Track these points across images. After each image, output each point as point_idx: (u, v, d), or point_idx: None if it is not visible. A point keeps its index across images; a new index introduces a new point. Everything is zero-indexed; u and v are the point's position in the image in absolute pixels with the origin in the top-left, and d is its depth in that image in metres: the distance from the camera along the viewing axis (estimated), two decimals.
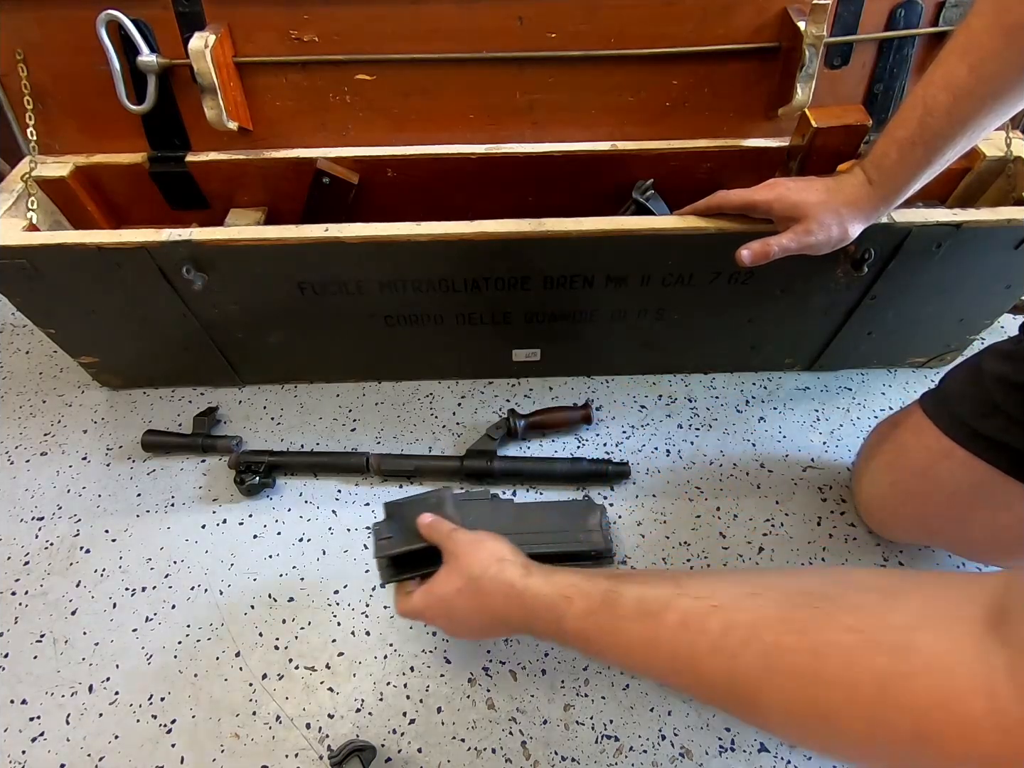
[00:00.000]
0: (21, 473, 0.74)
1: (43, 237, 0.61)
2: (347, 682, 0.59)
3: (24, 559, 0.67)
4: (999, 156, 0.70)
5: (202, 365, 0.77)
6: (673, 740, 0.56)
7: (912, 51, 0.68)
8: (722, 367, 0.83)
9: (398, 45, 0.66)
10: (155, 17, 0.64)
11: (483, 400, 0.81)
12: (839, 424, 0.78)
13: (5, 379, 0.84)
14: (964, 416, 0.54)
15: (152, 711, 0.57)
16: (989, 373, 0.52)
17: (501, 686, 0.59)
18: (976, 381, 0.53)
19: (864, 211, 0.54)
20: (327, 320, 0.70)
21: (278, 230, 0.60)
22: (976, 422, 0.53)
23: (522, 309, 0.70)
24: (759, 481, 0.73)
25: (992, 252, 0.63)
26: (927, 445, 0.57)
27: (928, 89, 0.48)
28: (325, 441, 0.77)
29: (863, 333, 0.75)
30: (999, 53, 0.44)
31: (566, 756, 0.55)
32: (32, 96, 0.67)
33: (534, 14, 0.65)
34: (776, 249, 0.54)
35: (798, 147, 0.69)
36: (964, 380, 0.56)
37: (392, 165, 0.73)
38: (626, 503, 0.71)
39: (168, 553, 0.67)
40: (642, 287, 0.66)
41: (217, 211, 0.77)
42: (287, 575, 0.66)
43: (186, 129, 0.71)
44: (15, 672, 0.60)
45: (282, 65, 0.68)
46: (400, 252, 0.61)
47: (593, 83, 0.69)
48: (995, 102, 0.46)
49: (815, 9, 0.60)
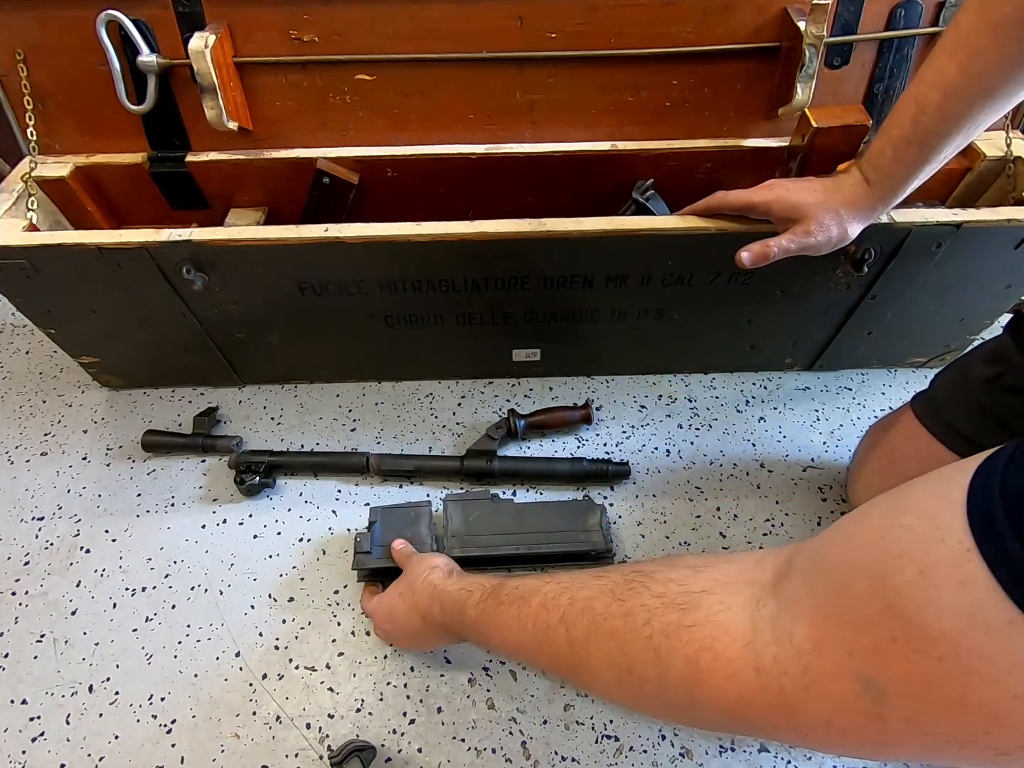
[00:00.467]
0: (21, 473, 0.74)
1: (43, 237, 0.61)
2: (347, 682, 0.59)
3: (24, 559, 0.67)
4: (999, 156, 0.70)
5: (202, 365, 0.77)
6: (673, 740, 0.56)
7: (912, 51, 0.68)
8: (722, 367, 0.83)
9: (398, 45, 0.66)
10: (155, 17, 0.64)
11: (483, 400, 0.81)
12: (839, 424, 0.78)
13: (5, 379, 0.84)
14: (952, 419, 0.54)
15: (152, 711, 0.57)
16: (975, 376, 0.52)
17: (501, 686, 0.59)
18: (963, 384, 0.54)
19: (863, 211, 0.54)
20: (327, 320, 0.70)
21: (278, 230, 0.60)
22: (964, 426, 0.53)
23: (522, 309, 0.70)
24: (759, 481, 0.73)
25: (992, 252, 0.63)
26: (918, 450, 0.57)
27: (920, 87, 0.48)
28: (325, 441, 0.77)
29: (863, 333, 0.75)
30: (987, 50, 0.44)
31: (566, 756, 0.55)
32: (32, 96, 0.67)
33: (534, 14, 0.65)
34: (776, 250, 0.54)
35: (798, 147, 0.69)
36: (952, 383, 0.56)
37: (392, 165, 0.73)
38: (626, 503, 0.71)
39: (168, 553, 0.67)
40: (642, 287, 0.66)
41: (217, 211, 0.77)
42: (287, 575, 0.66)
43: (186, 129, 0.71)
44: (15, 672, 0.60)
45: (282, 65, 0.68)
46: (400, 252, 0.61)
47: (593, 83, 0.69)
48: (986, 98, 0.46)
49: (815, 9, 0.60)
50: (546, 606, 0.40)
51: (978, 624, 0.23)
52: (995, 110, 0.47)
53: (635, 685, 0.35)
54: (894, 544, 0.26)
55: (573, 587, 0.40)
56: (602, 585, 0.39)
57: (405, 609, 0.52)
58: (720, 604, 0.32)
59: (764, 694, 0.29)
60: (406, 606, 0.52)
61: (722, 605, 0.32)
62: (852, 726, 0.27)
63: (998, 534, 0.23)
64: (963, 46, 0.45)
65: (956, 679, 0.23)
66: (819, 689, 0.28)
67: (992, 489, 0.24)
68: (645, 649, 0.34)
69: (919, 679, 0.24)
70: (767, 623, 0.30)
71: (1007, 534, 0.22)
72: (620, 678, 0.36)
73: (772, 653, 0.29)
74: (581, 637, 0.37)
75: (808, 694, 0.28)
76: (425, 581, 0.52)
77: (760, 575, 0.33)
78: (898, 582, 0.25)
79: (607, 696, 0.39)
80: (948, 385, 0.56)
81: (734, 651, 0.30)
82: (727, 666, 0.30)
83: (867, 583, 0.27)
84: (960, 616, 0.23)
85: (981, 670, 0.23)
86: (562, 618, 0.39)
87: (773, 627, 0.30)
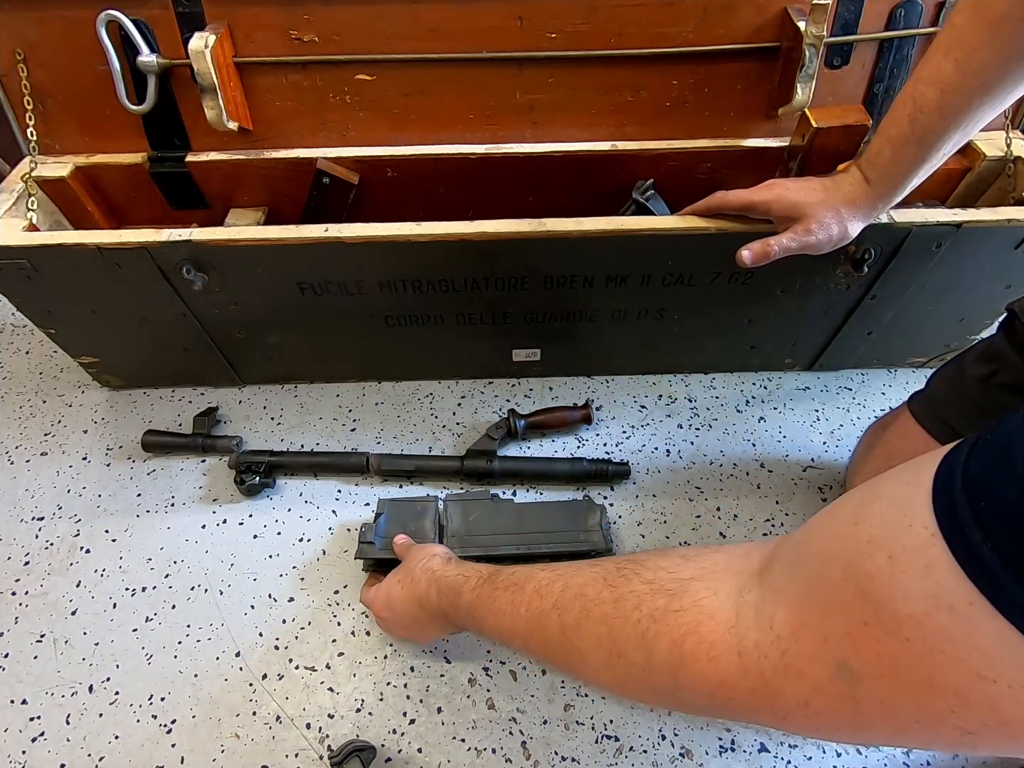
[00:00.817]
0: (21, 473, 0.74)
1: (43, 237, 0.61)
2: (347, 682, 0.59)
3: (24, 559, 0.67)
4: (999, 156, 0.70)
5: (202, 365, 0.77)
6: (673, 740, 0.56)
7: (912, 51, 0.68)
8: (722, 367, 0.83)
9: (398, 45, 0.66)
10: (155, 17, 0.64)
11: (483, 400, 0.81)
12: (839, 424, 0.78)
13: (5, 379, 0.84)
14: (949, 418, 0.54)
15: (152, 711, 0.57)
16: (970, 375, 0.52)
17: (501, 686, 0.59)
18: (959, 383, 0.54)
19: (863, 209, 0.54)
20: (327, 320, 0.70)
21: (278, 230, 0.60)
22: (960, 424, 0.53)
23: (522, 309, 0.70)
24: (759, 481, 0.73)
25: (992, 252, 0.63)
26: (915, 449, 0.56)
27: (917, 86, 0.48)
28: (325, 441, 0.77)
29: (863, 333, 0.75)
30: (983, 47, 0.44)
31: (566, 756, 0.55)
32: (32, 96, 0.67)
33: (534, 14, 0.65)
34: (777, 249, 0.54)
35: (798, 147, 0.69)
36: (947, 382, 0.56)
37: (392, 165, 0.73)
38: (626, 503, 0.71)
39: (168, 553, 0.67)
40: (642, 287, 0.66)
41: (217, 211, 0.77)
42: (287, 575, 0.66)
43: (186, 129, 0.71)
44: (15, 672, 0.60)
45: (282, 65, 0.68)
46: (400, 252, 0.61)
47: (593, 83, 0.69)
48: (983, 95, 0.46)
49: (815, 9, 0.60)
50: (540, 592, 0.41)
51: (942, 606, 0.23)
52: (993, 107, 0.47)
53: (623, 669, 0.35)
54: (866, 531, 0.27)
55: (567, 575, 0.41)
56: (595, 573, 0.39)
57: (403, 596, 0.53)
58: (707, 590, 0.33)
59: (745, 677, 0.30)
60: (404, 593, 0.53)
61: (709, 591, 0.33)
62: (827, 708, 0.28)
63: (959, 520, 0.24)
64: (959, 43, 0.45)
65: (923, 660, 0.24)
66: (796, 672, 0.28)
67: (955, 477, 0.25)
68: (633, 633, 0.34)
69: (889, 661, 0.25)
70: (750, 609, 0.31)
71: (967, 519, 0.23)
72: (609, 662, 0.36)
73: (754, 638, 0.30)
74: (572, 622, 0.38)
75: (786, 677, 0.29)
76: (423, 567, 0.52)
77: (747, 564, 0.34)
78: (869, 567, 0.26)
79: (596, 681, 0.39)
80: (944, 384, 0.56)
81: (717, 635, 0.31)
82: (710, 649, 0.31)
83: (841, 569, 0.27)
84: (925, 599, 0.24)
85: (946, 650, 0.24)
86: (555, 604, 0.40)
87: (756, 613, 0.31)
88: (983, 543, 0.22)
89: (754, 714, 0.31)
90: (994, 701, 0.23)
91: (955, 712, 0.24)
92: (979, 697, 0.23)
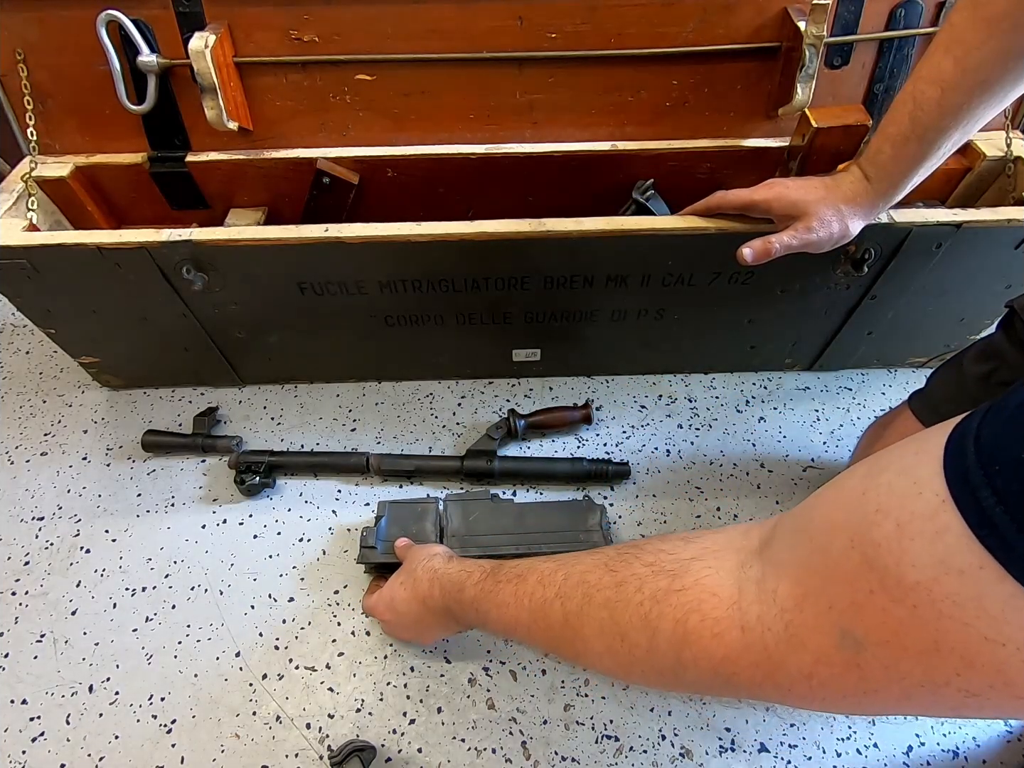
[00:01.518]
0: (21, 473, 0.74)
1: (43, 237, 0.61)
2: (347, 682, 0.59)
3: (24, 559, 0.67)
4: (999, 156, 0.70)
5: (202, 365, 0.77)
6: (673, 740, 0.56)
7: (912, 51, 0.68)
8: (722, 367, 0.83)
9: (398, 45, 0.66)
10: (155, 17, 0.64)
11: (483, 400, 0.81)
12: (839, 424, 0.78)
13: (5, 379, 0.84)
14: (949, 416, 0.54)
15: (152, 711, 0.57)
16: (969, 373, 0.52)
17: (501, 686, 0.59)
18: (958, 381, 0.54)
19: (863, 208, 0.54)
20: (327, 320, 0.70)
21: (278, 230, 0.60)
22: None
23: (522, 309, 0.70)
24: (759, 481, 0.73)
25: (992, 252, 0.63)
26: None
27: (917, 84, 0.48)
28: (325, 441, 0.77)
29: (863, 333, 0.75)
30: (982, 44, 0.44)
31: (566, 756, 0.55)
32: (32, 96, 0.67)
33: (534, 14, 0.65)
34: (778, 247, 0.54)
35: (798, 147, 0.69)
36: (947, 380, 0.56)
37: (392, 165, 0.73)
38: (626, 503, 0.71)
39: (168, 553, 0.67)
40: (642, 287, 0.66)
41: (217, 211, 0.77)
42: (287, 575, 0.66)
43: (186, 129, 0.71)
44: (15, 672, 0.60)
45: (282, 65, 0.68)
46: (400, 252, 0.61)
47: (593, 83, 0.69)
48: (983, 93, 0.46)
49: (815, 9, 0.60)
50: (542, 582, 0.41)
51: (951, 571, 0.23)
52: (993, 105, 0.47)
53: (626, 652, 0.36)
54: (873, 500, 0.27)
55: (568, 563, 0.41)
56: (596, 559, 0.40)
57: (406, 597, 0.53)
58: (708, 568, 0.33)
59: (748, 651, 0.30)
60: (407, 594, 0.53)
61: (710, 570, 0.33)
62: (832, 676, 0.28)
63: (971, 484, 0.23)
64: (958, 42, 0.46)
65: (930, 625, 0.24)
66: (800, 643, 0.28)
67: (967, 443, 0.25)
68: (636, 615, 0.35)
69: (895, 627, 0.25)
70: (752, 583, 0.31)
71: (980, 483, 0.23)
72: (612, 646, 0.36)
73: (756, 611, 0.30)
74: (575, 609, 0.38)
75: (790, 648, 0.29)
76: (425, 567, 0.52)
77: (747, 542, 0.34)
78: (875, 536, 0.26)
79: (600, 667, 0.39)
80: (944, 383, 0.56)
81: (720, 611, 0.31)
82: (714, 625, 0.31)
83: (846, 539, 0.27)
84: (934, 564, 0.24)
85: (953, 615, 0.24)
86: (557, 592, 0.40)
87: (758, 587, 0.31)
88: (996, 506, 0.22)
89: (758, 689, 0.31)
90: (1001, 663, 0.23)
91: (960, 675, 0.24)
92: (986, 660, 0.23)
